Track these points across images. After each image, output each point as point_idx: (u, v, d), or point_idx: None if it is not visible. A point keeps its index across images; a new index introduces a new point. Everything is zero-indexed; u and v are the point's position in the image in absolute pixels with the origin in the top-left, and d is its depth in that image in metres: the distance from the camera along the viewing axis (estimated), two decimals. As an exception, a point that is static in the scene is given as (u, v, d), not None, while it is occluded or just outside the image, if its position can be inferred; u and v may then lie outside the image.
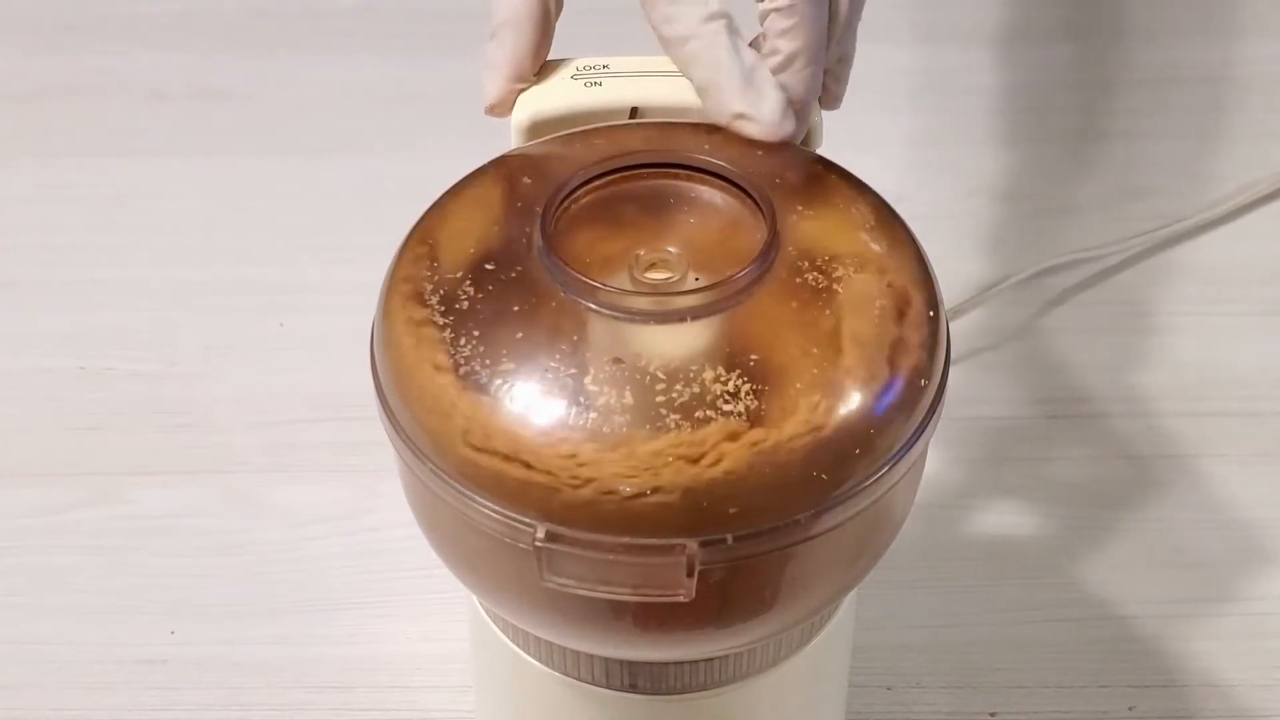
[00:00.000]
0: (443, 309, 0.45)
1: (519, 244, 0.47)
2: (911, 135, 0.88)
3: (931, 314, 0.46)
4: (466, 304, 0.45)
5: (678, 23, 0.49)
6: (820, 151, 0.52)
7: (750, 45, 0.50)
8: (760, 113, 0.49)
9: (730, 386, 0.43)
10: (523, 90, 0.52)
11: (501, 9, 0.51)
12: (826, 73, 0.51)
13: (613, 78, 0.52)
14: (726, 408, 0.43)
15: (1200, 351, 0.77)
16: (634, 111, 0.51)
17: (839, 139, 0.53)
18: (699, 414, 0.43)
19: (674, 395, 0.43)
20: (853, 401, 0.44)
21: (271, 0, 0.98)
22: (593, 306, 0.45)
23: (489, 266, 0.46)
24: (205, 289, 0.81)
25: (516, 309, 0.45)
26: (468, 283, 0.46)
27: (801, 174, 0.49)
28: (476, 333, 0.45)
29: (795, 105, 0.50)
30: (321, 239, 0.84)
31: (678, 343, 0.44)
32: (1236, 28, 0.96)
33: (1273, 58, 0.94)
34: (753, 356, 0.44)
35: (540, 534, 0.43)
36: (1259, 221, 0.84)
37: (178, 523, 0.71)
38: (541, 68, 0.52)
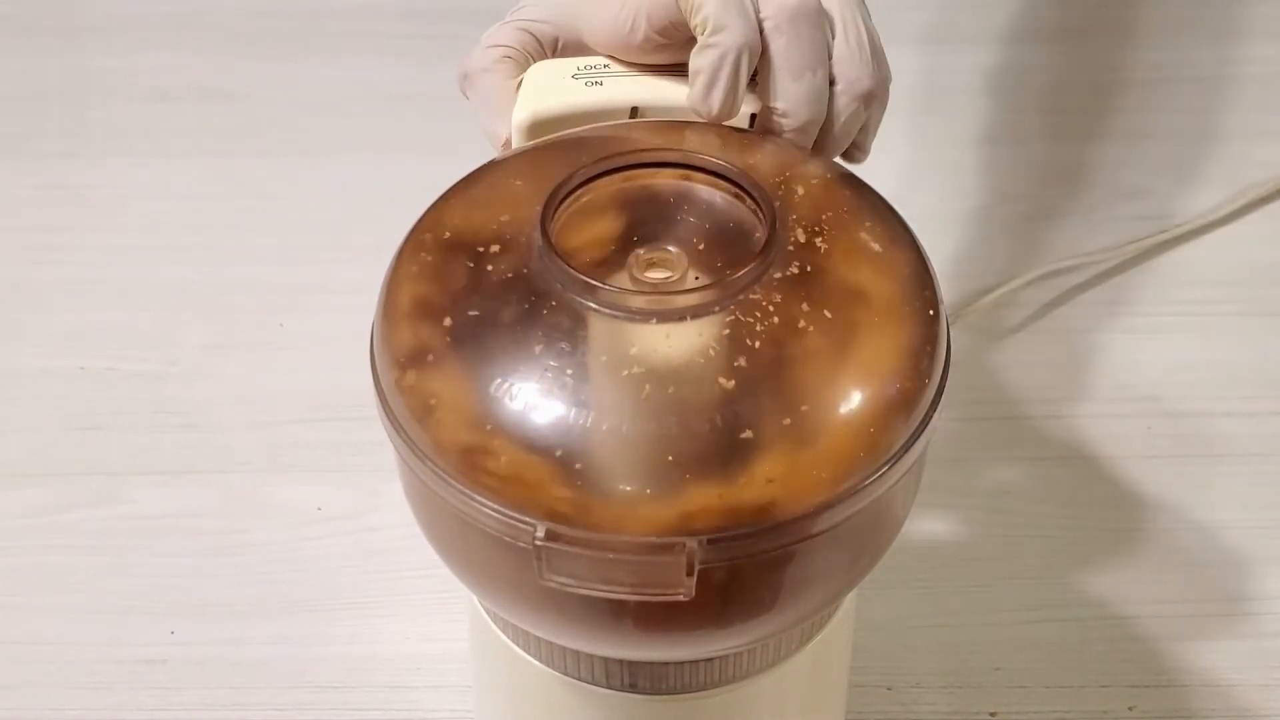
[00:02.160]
0: (443, 309, 0.45)
1: (519, 244, 0.47)
2: (912, 137, 0.88)
3: (931, 314, 0.46)
4: (467, 304, 0.45)
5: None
6: (820, 151, 0.52)
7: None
8: (694, 88, 0.49)
9: (730, 385, 0.43)
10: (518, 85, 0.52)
11: (475, 59, 0.52)
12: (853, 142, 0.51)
13: (613, 77, 0.52)
14: (726, 407, 0.43)
15: (1198, 352, 0.77)
16: (634, 111, 0.51)
17: (839, 139, 0.53)
18: (699, 413, 0.43)
19: (674, 394, 0.43)
20: (853, 401, 0.44)
21: (271, 0, 0.98)
22: (593, 306, 0.45)
23: (489, 266, 0.46)
24: (205, 289, 0.81)
25: (516, 309, 0.45)
26: (468, 283, 0.46)
27: (802, 174, 0.49)
28: (476, 332, 0.45)
29: (786, 120, 0.50)
30: (321, 239, 0.84)
31: (677, 342, 0.44)
32: (1233, 28, 0.96)
33: (1269, 58, 0.94)
34: (752, 356, 0.44)
35: (540, 533, 0.43)
36: (1255, 223, 0.84)
37: (178, 523, 0.71)
38: (541, 68, 0.52)
